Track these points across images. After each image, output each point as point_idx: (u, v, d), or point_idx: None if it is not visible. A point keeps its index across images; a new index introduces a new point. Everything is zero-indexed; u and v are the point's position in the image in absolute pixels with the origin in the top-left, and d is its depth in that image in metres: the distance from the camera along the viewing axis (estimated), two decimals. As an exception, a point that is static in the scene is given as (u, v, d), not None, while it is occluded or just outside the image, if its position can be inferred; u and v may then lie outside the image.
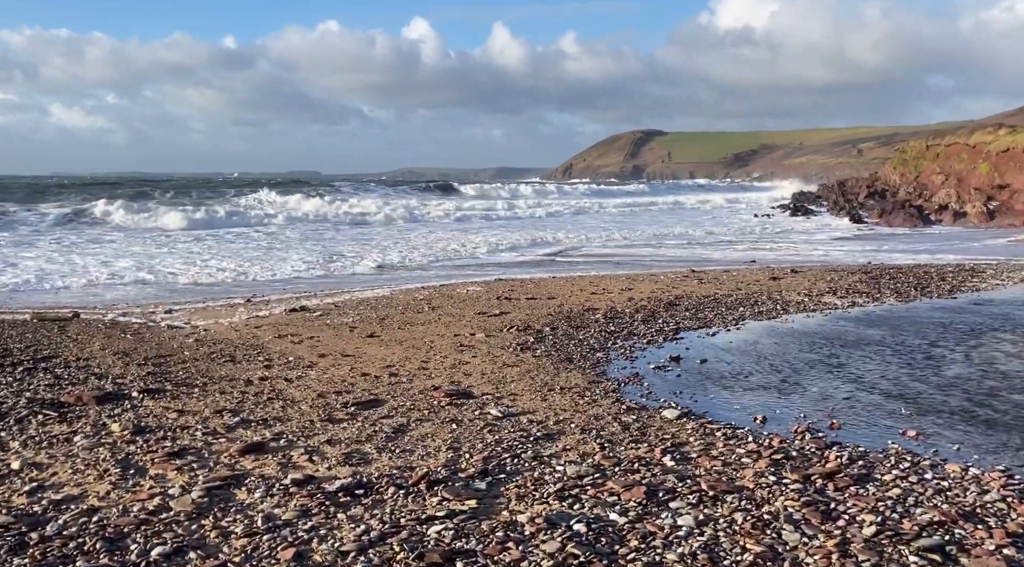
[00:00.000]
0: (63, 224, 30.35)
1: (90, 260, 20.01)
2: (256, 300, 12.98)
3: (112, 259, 20.80)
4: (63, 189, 51.63)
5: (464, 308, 11.07)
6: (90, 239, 25.56)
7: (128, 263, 19.52)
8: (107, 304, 13.15)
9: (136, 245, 24.11)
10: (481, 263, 19.91)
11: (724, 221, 39.48)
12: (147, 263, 19.45)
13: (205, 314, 11.29)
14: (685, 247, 25.05)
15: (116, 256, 21.51)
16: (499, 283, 13.89)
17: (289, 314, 10.85)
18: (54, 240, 25.00)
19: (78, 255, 21.37)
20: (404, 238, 27.29)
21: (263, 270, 17.99)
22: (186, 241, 25.34)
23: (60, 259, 20.40)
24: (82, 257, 20.70)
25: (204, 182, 69.40)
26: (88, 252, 22.36)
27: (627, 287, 12.85)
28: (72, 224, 30.59)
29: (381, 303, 11.66)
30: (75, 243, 24.42)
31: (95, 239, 25.69)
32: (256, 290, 15.08)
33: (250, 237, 26.83)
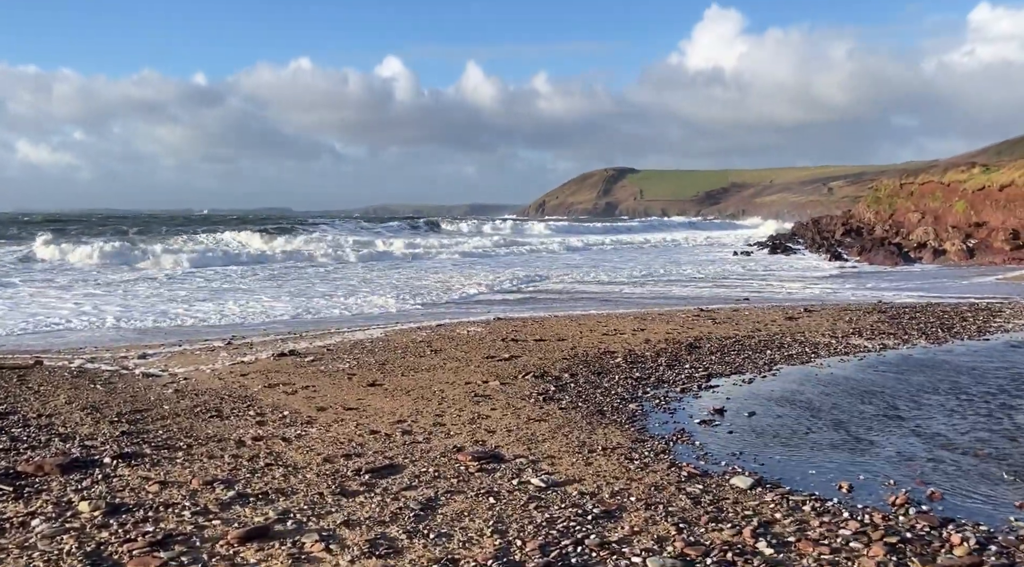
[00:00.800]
0: (18, 264, 29.07)
1: (53, 300, 18.83)
2: (238, 342, 11.96)
3: (79, 299, 19.66)
4: (26, 226, 50.05)
5: (470, 351, 10.16)
6: (50, 278, 24.31)
7: (96, 303, 18.39)
8: (73, 348, 12.05)
9: (102, 284, 22.96)
10: (470, 301, 19.02)
11: (706, 258, 39.00)
12: (118, 303, 18.34)
13: (183, 359, 10.26)
14: (673, 284, 24.38)
15: (84, 296, 20.36)
16: (500, 323, 13.00)
17: (277, 359, 9.85)
18: (10, 279, 23.75)
19: (39, 294, 20.21)
20: (387, 276, 26.36)
21: (241, 310, 16.94)
22: (159, 280, 24.23)
23: (20, 299, 19.23)
24: (44, 297, 19.52)
25: (169, 219, 68.04)
26: (50, 291, 21.18)
27: (640, 327, 12.03)
28: (28, 263, 29.33)
29: (378, 346, 10.71)
30: (32, 281, 23.19)
31: (56, 278, 24.46)
32: (236, 331, 14.04)
33: (226, 275, 25.74)
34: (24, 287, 21.59)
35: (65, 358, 10.75)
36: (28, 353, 11.41)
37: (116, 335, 14.06)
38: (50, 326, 14.96)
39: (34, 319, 15.83)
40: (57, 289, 21.66)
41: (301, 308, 17.27)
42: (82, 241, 36.08)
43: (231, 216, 76.13)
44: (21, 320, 15.65)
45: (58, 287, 22.04)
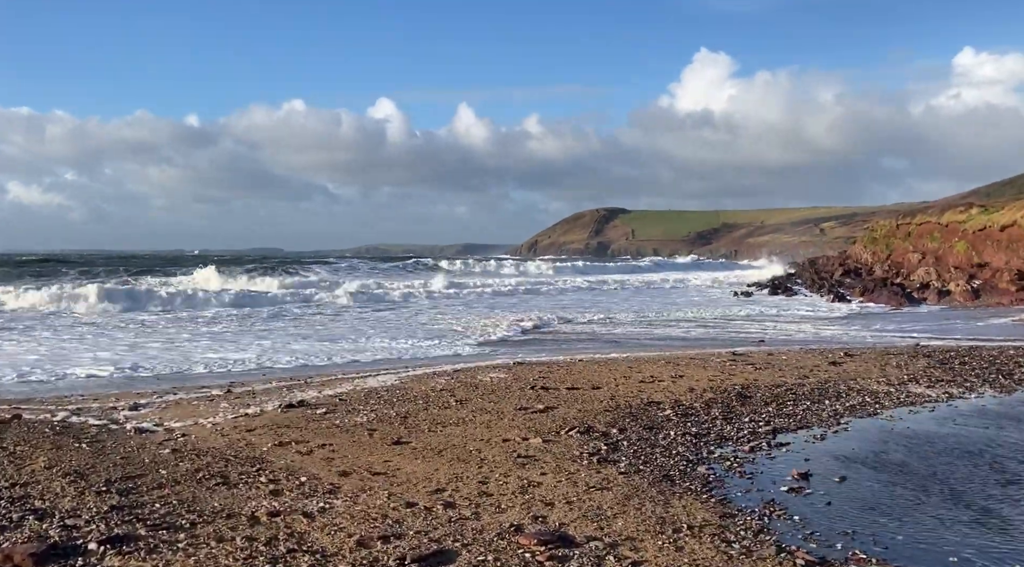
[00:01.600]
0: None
1: (33, 345, 17.77)
2: (239, 391, 10.93)
3: (63, 343, 18.58)
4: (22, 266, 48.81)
5: (499, 402, 9.16)
6: (30, 321, 23.20)
7: (83, 347, 17.32)
8: (57, 397, 10.99)
9: (90, 327, 21.89)
10: (485, 343, 18.03)
11: (709, 298, 38.16)
12: (108, 347, 17.28)
13: (180, 411, 9.22)
14: (685, 324, 23.49)
15: (69, 339, 19.29)
16: (522, 368, 12.01)
17: (285, 411, 8.83)
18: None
19: (18, 337, 19.15)
20: (396, 318, 25.37)
21: (241, 354, 15.91)
22: (150, 323, 23.18)
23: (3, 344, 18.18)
24: (25, 342, 18.46)
25: (160, 259, 67.01)
26: (30, 335, 20.12)
27: (677, 374, 11.07)
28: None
29: (395, 396, 9.70)
30: (7, 325, 22.12)
31: (37, 321, 23.35)
32: (235, 378, 13.01)
33: (220, 318, 24.69)
34: (9, 330, 20.50)
35: (48, 409, 9.70)
36: (9, 403, 10.35)
37: (106, 381, 13.00)
38: (34, 370, 13.89)
39: (17, 364, 14.76)
40: (47, 331, 20.59)
41: (303, 353, 16.24)
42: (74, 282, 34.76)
43: (224, 256, 75.05)
44: (6, 365, 14.58)
45: (48, 329, 20.96)
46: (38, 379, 13.12)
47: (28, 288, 29.79)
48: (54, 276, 42.73)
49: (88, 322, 22.16)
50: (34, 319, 22.66)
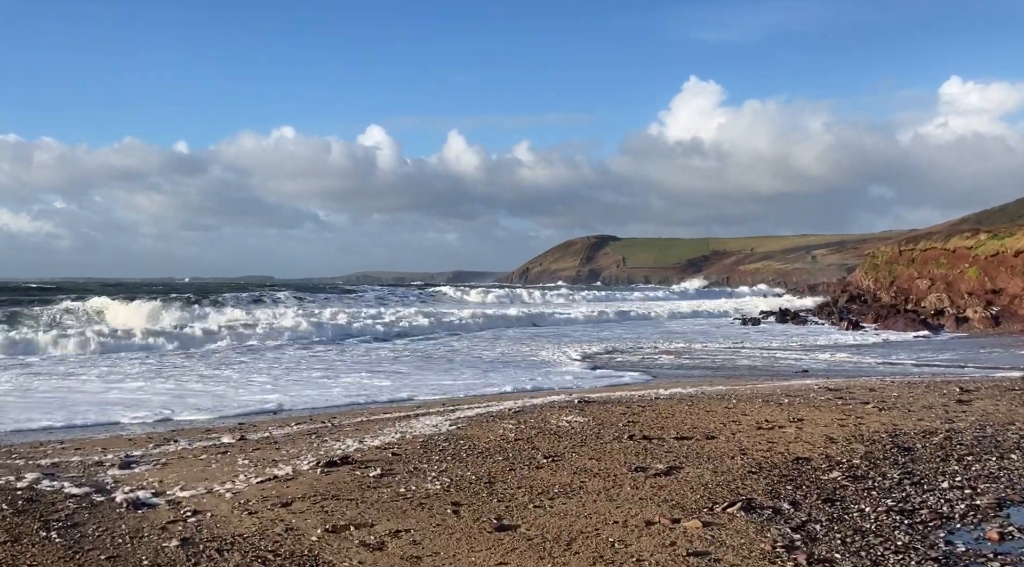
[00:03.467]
0: None
1: (25, 377, 15.60)
2: (255, 437, 8.82)
3: (41, 377, 16.44)
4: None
5: (600, 458, 7.06)
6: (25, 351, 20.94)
7: (67, 383, 15.18)
8: (27, 445, 8.83)
9: (72, 361, 19.67)
10: (530, 376, 15.95)
11: (720, 329, 36.14)
12: (83, 383, 15.15)
13: (185, 469, 7.08)
14: (720, 355, 21.54)
15: (47, 374, 17.14)
16: (595, 408, 9.91)
17: (327, 471, 6.70)
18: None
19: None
20: (423, 350, 23.26)
21: (243, 391, 13.78)
22: (139, 358, 20.99)
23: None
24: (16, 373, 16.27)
25: (149, 286, 64.66)
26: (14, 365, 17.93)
27: (793, 417, 9.02)
28: None
29: (461, 447, 7.58)
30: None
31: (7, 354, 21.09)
32: (241, 418, 10.90)
33: (222, 355, 22.50)
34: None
35: (15, 464, 7.54)
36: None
37: (94, 417, 10.83)
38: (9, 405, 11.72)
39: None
40: (25, 366, 18.40)
41: (315, 383, 14.12)
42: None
43: (214, 284, 72.66)
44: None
45: (30, 362, 18.75)
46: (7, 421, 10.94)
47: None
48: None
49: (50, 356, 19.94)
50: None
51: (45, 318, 27.28)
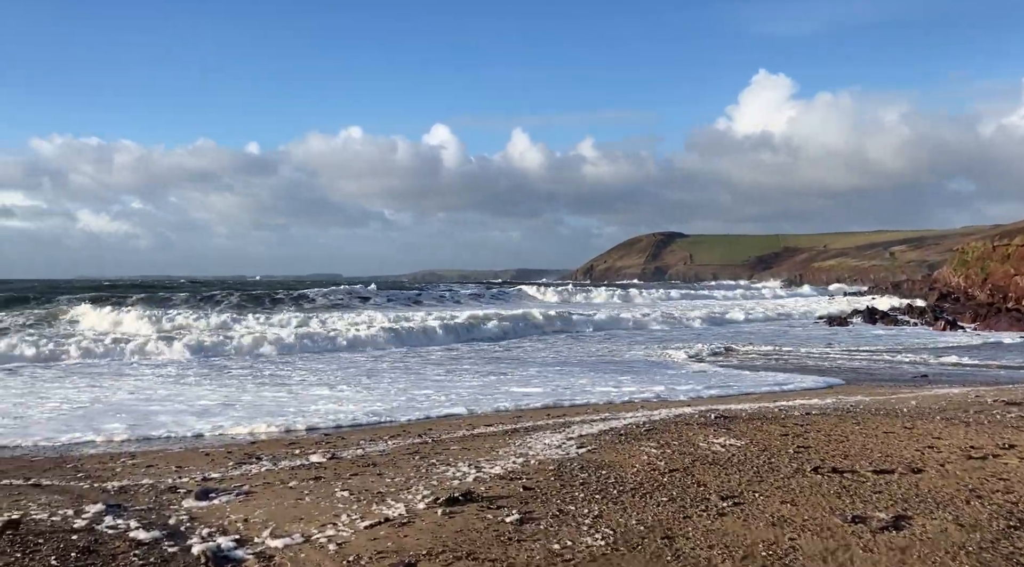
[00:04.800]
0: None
1: (64, 391, 14.82)
2: (348, 455, 7.55)
3: (134, 384, 15.64)
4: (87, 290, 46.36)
5: (794, 500, 5.51)
6: (69, 365, 20.33)
7: (153, 390, 14.31)
8: (101, 459, 7.74)
9: (148, 372, 18.96)
10: (640, 380, 14.44)
11: (806, 330, 33.82)
12: (172, 392, 14.27)
13: (273, 502, 5.80)
14: (827, 359, 19.63)
15: (137, 379, 16.38)
16: (743, 425, 8.34)
17: (450, 514, 5.31)
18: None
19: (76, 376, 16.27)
20: (525, 349, 21.98)
21: (305, 403, 12.63)
22: (199, 367, 20.18)
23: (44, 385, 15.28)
24: (53, 389, 15.51)
25: (230, 284, 64.85)
26: (61, 379, 17.22)
27: (1005, 442, 7.29)
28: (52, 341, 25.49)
29: (605, 479, 6.11)
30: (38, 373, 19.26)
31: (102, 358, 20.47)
32: (326, 429, 9.69)
33: (272, 363, 21.55)
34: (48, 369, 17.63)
35: (78, 488, 6.41)
36: (29, 467, 7.12)
37: (169, 428, 9.76)
38: (76, 415, 10.77)
39: (61, 413, 11.73)
40: (108, 370, 17.72)
41: (403, 398, 12.88)
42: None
43: (286, 282, 72.80)
44: (45, 413, 11.52)
45: (108, 367, 18.08)
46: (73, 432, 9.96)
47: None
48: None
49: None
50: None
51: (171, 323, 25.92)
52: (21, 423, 10.64)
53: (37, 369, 16.85)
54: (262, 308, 36.28)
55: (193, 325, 24.66)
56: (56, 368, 17.02)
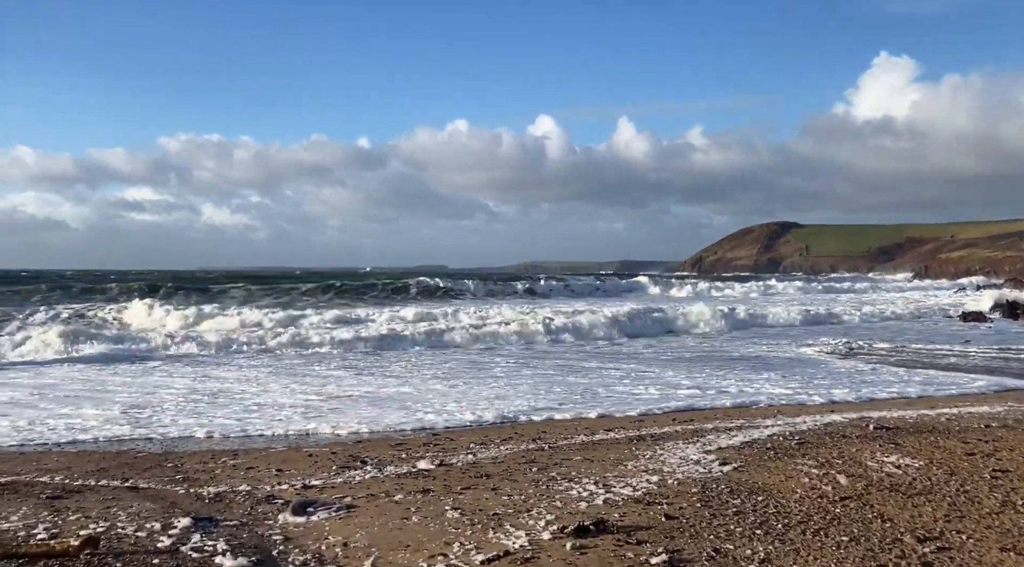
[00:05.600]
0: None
1: (187, 382, 14.73)
2: (458, 464, 6.81)
3: (245, 380, 15.53)
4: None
5: (1017, 545, 4.39)
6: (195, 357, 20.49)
7: (274, 383, 14.13)
8: (199, 458, 7.29)
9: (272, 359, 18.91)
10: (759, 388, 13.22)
11: (939, 326, 31.02)
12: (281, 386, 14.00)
13: (376, 521, 5.10)
14: (972, 359, 17.60)
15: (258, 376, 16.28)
16: (912, 440, 7.11)
17: (579, 545, 4.44)
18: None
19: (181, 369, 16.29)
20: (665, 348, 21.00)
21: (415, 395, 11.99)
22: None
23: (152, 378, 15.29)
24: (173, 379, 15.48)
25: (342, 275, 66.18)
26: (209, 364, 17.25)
27: None
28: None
29: (763, 508, 5.13)
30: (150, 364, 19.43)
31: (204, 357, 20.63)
32: (427, 426, 9.00)
33: (412, 355, 21.14)
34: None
35: (172, 493, 5.92)
36: (131, 464, 6.72)
37: (277, 424, 9.33)
38: (189, 408, 10.52)
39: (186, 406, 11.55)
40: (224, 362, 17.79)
41: (516, 394, 12.10)
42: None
43: (394, 272, 73.89)
44: (169, 404, 11.35)
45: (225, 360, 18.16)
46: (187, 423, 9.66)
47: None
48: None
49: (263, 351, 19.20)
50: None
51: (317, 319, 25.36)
52: (140, 414, 10.47)
53: (175, 363, 17.04)
54: (400, 300, 37.18)
55: (376, 318, 24.34)
56: (188, 360, 17.14)
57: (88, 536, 4.33)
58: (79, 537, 4.30)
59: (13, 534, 4.75)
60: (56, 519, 5.22)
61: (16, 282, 43.83)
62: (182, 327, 22.23)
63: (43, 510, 5.49)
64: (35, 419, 10.05)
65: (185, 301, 33.39)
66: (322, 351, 18.23)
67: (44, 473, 7.13)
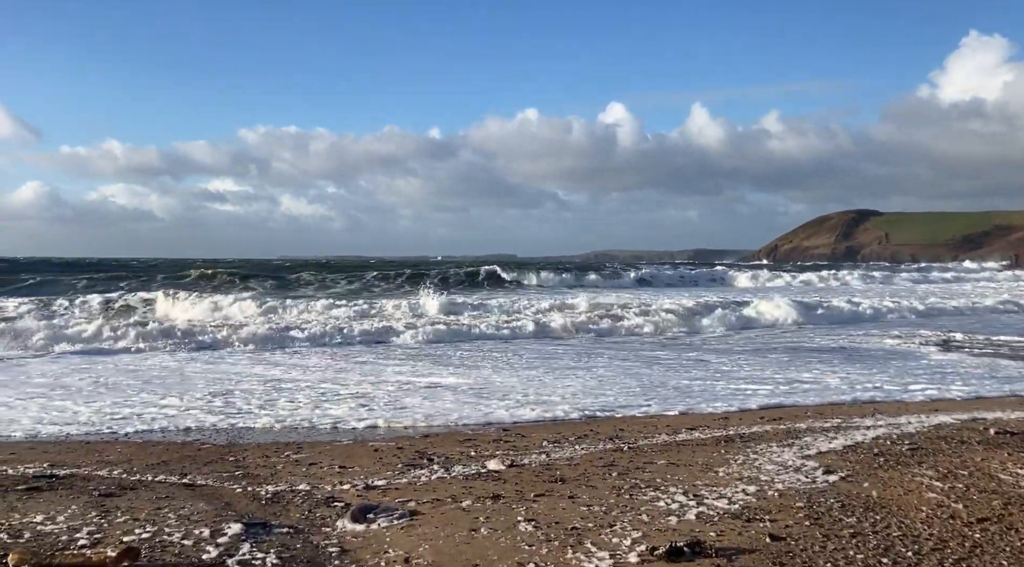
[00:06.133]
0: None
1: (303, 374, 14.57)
2: (529, 464, 6.28)
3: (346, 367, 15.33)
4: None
5: None
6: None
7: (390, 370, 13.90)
8: (268, 449, 6.93)
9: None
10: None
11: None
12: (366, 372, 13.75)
13: (441, 533, 4.61)
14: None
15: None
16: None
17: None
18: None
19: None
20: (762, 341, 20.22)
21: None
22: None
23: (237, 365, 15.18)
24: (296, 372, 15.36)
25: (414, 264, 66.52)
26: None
27: None
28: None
29: (884, 528, 4.42)
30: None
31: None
32: (509, 421, 8.47)
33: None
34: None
35: (229, 492, 5.55)
36: (194, 459, 6.41)
37: (336, 418, 8.97)
38: (254, 399, 10.29)
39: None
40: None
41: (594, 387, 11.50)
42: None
43: (464, 261, 73.77)
44: (254, 397, 11.18)
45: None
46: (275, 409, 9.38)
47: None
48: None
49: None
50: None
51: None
52: (212, 404, 10.28)
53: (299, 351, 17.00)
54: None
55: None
56: (266, 350, 17.08)
57: (127, 547, 3.95)
58: (119, 546, 3.92)
59: (55, 538, 4.42)
60: (103, 521, 4.89)
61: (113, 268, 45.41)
62: (260, 315, 22.35)
63: (92, 510, 5.18)
64: (103, 408, 9.95)
65: (267, 289, 33.86)
66: (398, 341, 17.90)
67: (104, 466, 6.90)
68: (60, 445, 8.05)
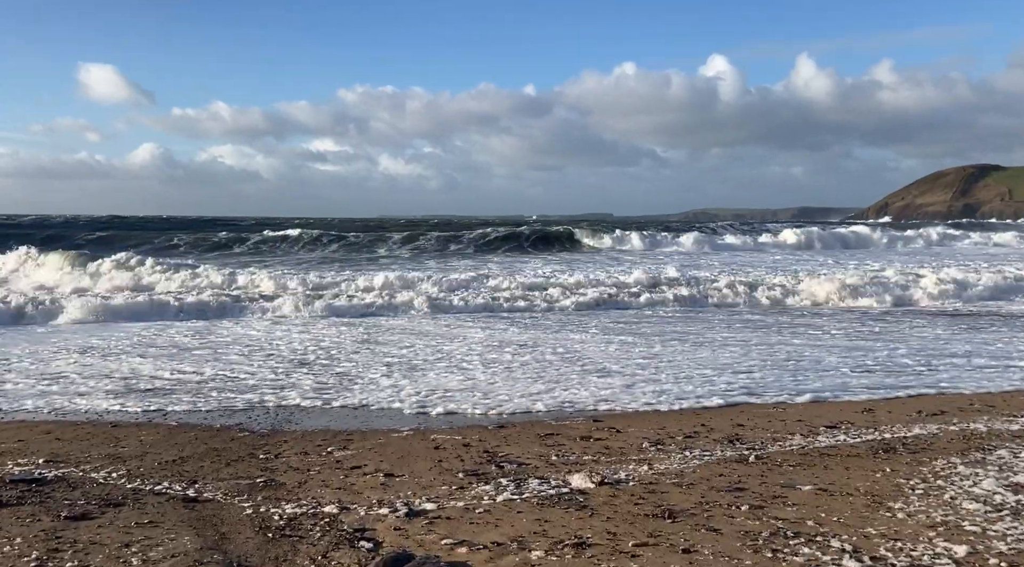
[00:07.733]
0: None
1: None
2: (630, 480, 4.72)
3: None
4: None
5: None
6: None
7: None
8: (282, 462, 5.61)
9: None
10: None
11: None
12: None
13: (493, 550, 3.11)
14: None
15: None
16: None
17: None
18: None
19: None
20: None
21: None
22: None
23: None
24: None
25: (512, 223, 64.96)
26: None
27: None
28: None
29: None
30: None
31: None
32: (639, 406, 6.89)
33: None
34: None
35: (226, 521, 4.22)
36: (225, 452, 5.14)
37: (404, 402, 7.60)
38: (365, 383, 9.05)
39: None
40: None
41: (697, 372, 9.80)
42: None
43: (559, 221, 71.53)
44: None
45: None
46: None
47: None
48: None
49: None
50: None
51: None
52: (276, 378, 9.12)
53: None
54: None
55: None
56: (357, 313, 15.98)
57: None
58: None
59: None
60: (45, 559, 3.62)
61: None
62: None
63: (40, 544, 3.92)
64: (178, 370, 8.88)
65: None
66: (496, 311, 16.26)
67: (108, 463, 5.73)
68: (79, 429, 6.95)
